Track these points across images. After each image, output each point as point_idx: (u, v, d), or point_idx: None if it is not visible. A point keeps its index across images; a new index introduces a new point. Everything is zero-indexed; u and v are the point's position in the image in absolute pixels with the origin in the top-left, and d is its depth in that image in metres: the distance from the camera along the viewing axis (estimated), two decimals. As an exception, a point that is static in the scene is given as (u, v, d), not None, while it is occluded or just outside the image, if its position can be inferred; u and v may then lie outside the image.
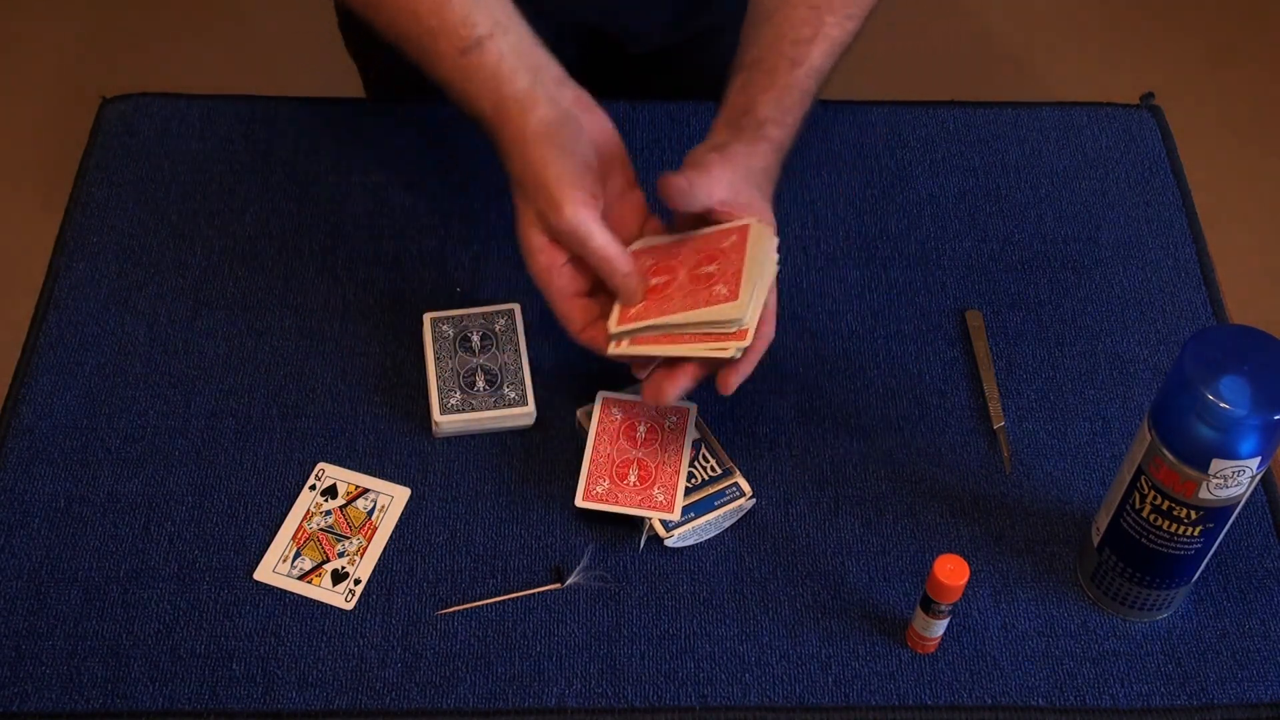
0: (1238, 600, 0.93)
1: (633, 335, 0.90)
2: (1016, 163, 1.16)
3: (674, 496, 0.93)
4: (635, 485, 0.93)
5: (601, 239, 0.89)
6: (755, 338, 0.88)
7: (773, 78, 0.95)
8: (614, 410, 0.97)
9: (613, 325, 0.91)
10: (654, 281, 0.91)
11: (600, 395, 0.98)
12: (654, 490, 0.93)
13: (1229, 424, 0.77)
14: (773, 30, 0.97)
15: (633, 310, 0.90)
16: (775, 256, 0.91)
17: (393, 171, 1.14)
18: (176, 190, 1.12)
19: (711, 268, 0.90)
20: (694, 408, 0.97)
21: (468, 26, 0.91)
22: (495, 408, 0.98)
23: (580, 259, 0.91)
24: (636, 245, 0.94)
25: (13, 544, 0.93)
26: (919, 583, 0.92)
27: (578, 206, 0.88)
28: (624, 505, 0.93)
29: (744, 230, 0.91)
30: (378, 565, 0.93)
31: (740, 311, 0.87)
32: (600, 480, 0.93)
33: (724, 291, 0.88)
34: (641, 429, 0.96)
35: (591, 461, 0.94)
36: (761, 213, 0.92)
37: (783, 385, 1.02)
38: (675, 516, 0.92)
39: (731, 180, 0.90)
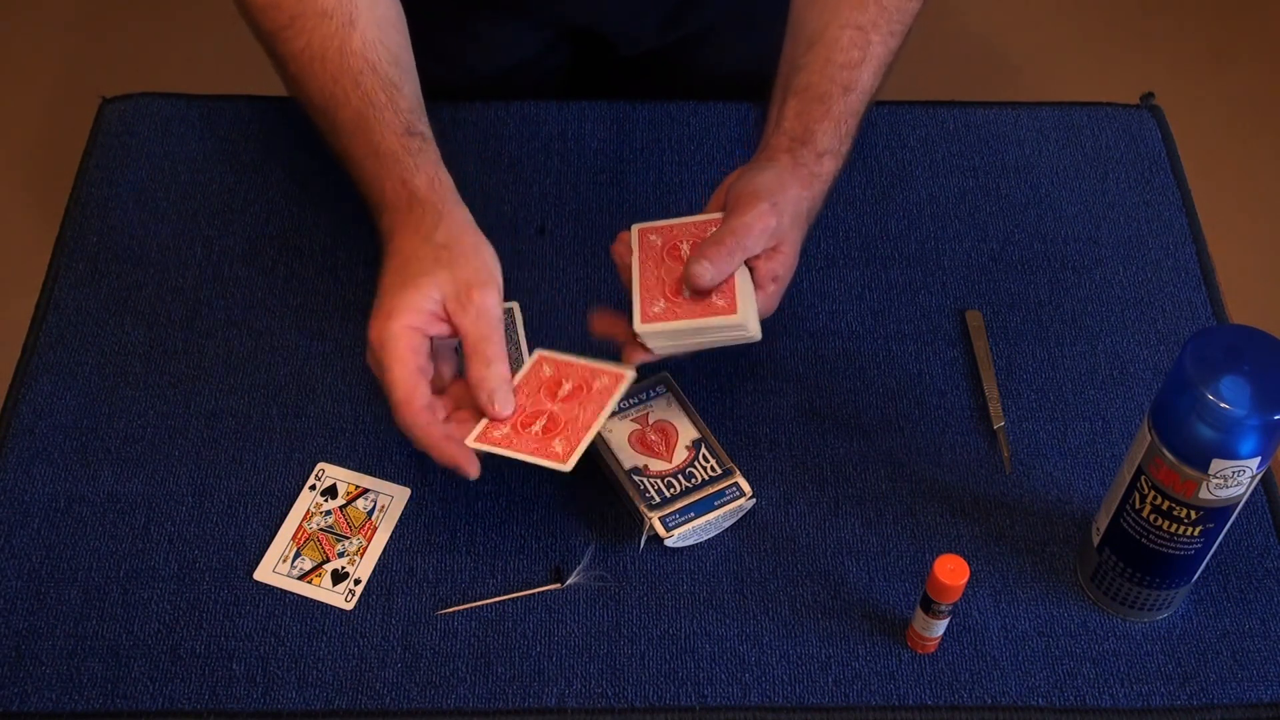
0: (1238, 600, 0.93)
1: (658, 334, 0.90)
2: (1016, 163, 1.16)
3: (573, 450, 0.87)
4: (538, 435, 0.89)
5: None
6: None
7: (827, 105, 0.95)
8: (544, 368, 0.93)
9: (637, 324, 0.90)
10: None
11: (537, 352, 0.94)
12: (554, 442, 0.89)
13: (1229, 424, 0.77)
14: (822, 53, 0.97)
15: (655, 310, 0.90)
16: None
17: (393, 171, 1.13)
18: (176, 190, 1.12)
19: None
20: (631, 375, 0.92)
21: (415, 116, 0.95)
22: None
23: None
24: (640, 226, 0.94)
25: (13, 544, 0.93)
26: (919, 583, 0.92)
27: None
28: (516, 450, 0.88)
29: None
30: (378, 565, 0.93)
31: (744, 319, 0.88)
32: (499, 427, 0.89)
33: (721, 304, 0.89)
34: (567, 386, 0.92)
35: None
36: (790, 256, 0.92)
37: (783, 385, 1.02)
38: (568, 468, 0.87)
39: (776, 230, 0.90)
